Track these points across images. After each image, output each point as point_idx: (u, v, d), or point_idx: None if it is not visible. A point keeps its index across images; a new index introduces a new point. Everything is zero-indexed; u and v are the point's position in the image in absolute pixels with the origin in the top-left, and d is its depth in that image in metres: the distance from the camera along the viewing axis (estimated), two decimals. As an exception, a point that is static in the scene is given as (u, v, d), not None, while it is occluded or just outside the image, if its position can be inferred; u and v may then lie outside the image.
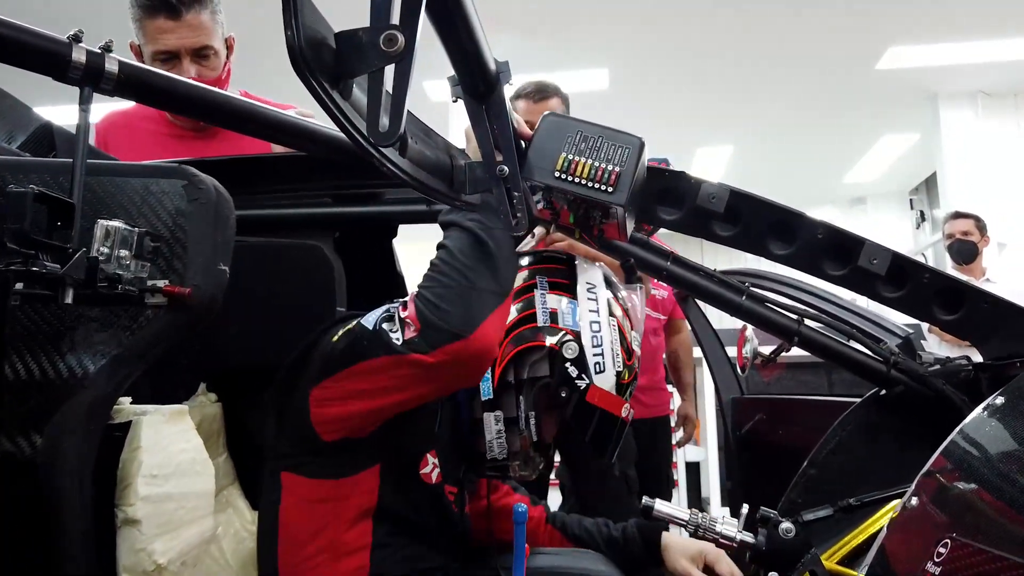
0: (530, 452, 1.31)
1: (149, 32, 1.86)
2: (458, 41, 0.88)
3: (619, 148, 1.21)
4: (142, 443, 1.01)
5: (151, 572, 0.97)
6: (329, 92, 0.65)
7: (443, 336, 1.07)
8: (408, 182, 0.86)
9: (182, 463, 1.05)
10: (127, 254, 1.00)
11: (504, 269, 1.15)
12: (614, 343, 1.31)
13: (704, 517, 1.24)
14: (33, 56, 0.95)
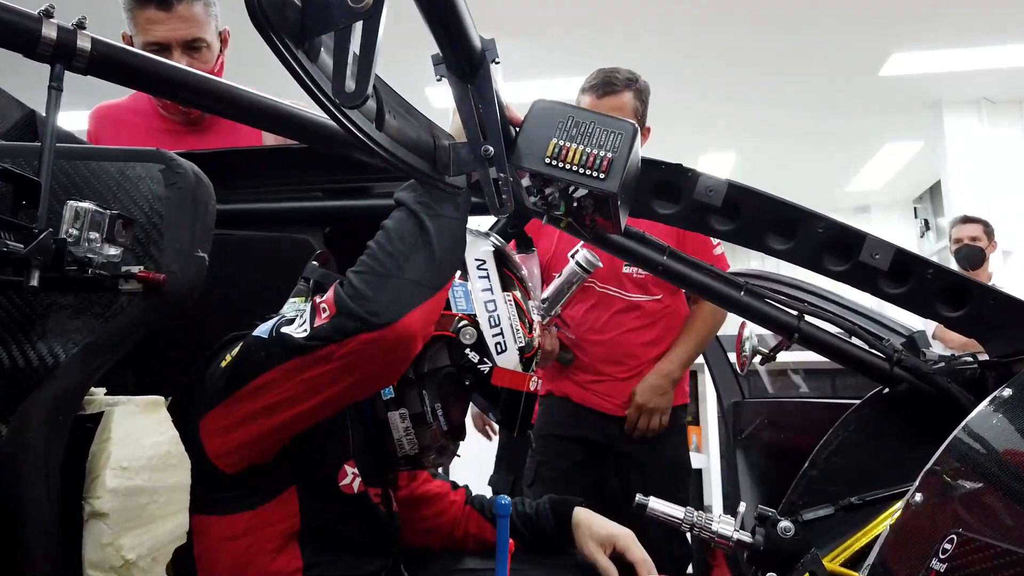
0: (441, 441, 1.26)
1: (140, 23, 1.83)
2: (440, 16, 0.85)
3: (611, 134, 1.17)
4: (112, 434, 0.97)
5: (119, 568, 0.92)
6: (293, 52, 0.62)
7: (356, 324, 0.99)
8: (385, 157, 0.83)
9: (156, 456, 1.01)
10: (97, 236, 0.96)
11: (441, 260, 1.06)
12: (512, 319, 1.25)
13: (700, 516, 1.19)
14: (1, 31, 0.91)
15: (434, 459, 1.28)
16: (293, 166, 1.54)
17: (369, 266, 1.03)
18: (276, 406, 1.05)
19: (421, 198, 1.07)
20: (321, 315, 1.02)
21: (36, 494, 0.92)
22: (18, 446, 0.93)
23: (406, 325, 1.00)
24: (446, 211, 1.07)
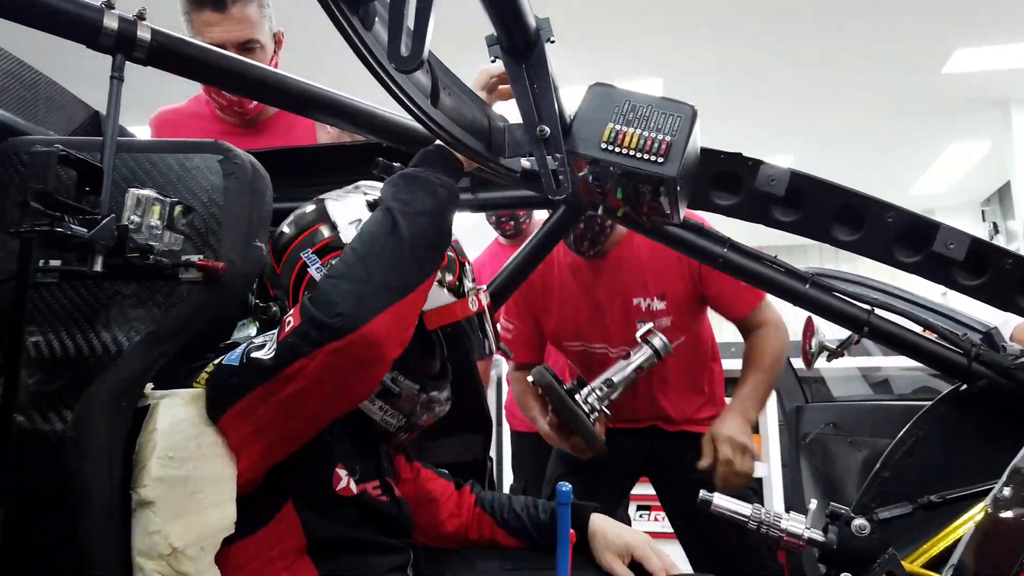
0: (422, 398, 1.21)
1: (196, 25, 1.87)
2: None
3: (670, 117, 1.14)
4: (158, 425, 0.97)
5: (167, 556, 0.92)
6: (348, 17, 0.61)
7: (321, 333, 0.95)
8: (440, 135, 0.81)
9: (200, 447, 1.01)
10: (158, 223, 0.97)
11: (412, 260, 1.01)
12: None
13: (768, 513, 1.14)
14: (65, 22, 0.93)
15: (427, 415, 1.24)
16: (346, 165, 1.53)
17: (339, 271, 1.00)
18: (254, 434, 1.02)
19: (400, 193, 1.03)
20: (285, 328, 0.99)
21: (99, 479, 0.93)
22: (82, 432, 0.94)
23: (371, 330, 0.96)
24: (423, 206, 1.02)
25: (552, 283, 2.11)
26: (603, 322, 2.08)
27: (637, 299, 2.03)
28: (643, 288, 2.03)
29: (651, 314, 2.03)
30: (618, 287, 2.04)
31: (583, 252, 1.99)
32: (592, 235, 1.94)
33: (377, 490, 1.23)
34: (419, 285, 1.02)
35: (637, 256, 2.02)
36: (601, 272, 2.05)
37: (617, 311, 2.06)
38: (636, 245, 2.01)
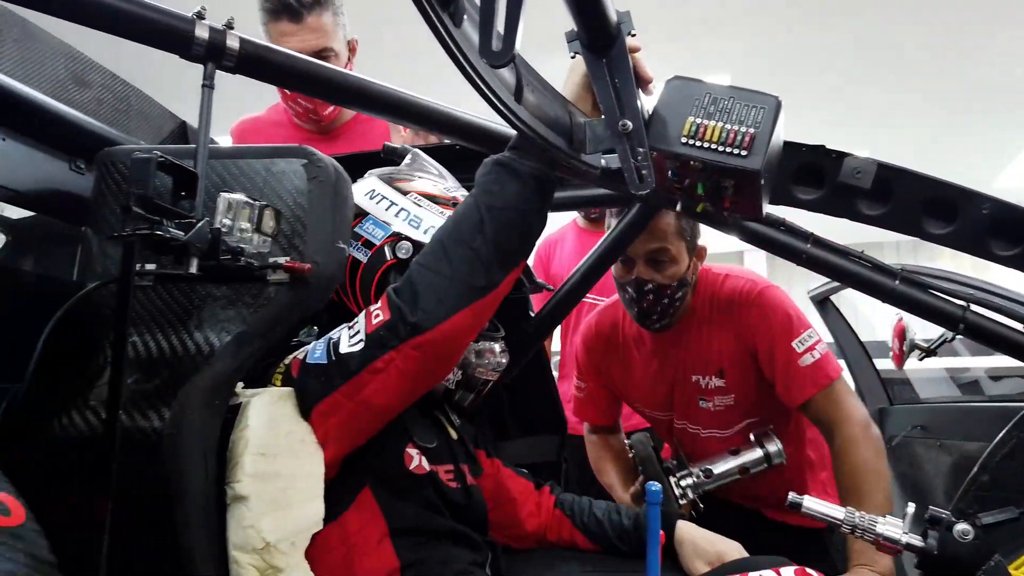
0: (475, 347, 1.23)
1: (273, 36, 1.93)
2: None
3: (753, 108, 1.11)
4: (251, 422, 1.00)
5: (260, 550, 0.94)
6: (439, 13, 0.61)
7: (407, 328, 0.98)
8: (524, 131, 0.81)
9: (291, 444, 1.03)
10: (248, 227, 1.00)
11: (497, 259, 1.01)
12: (429, 208, 1.25)
13: (862, 516, 1.09)
14: (158, 33, 0.97)
15: (482, 367, 1.25)
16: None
17: (425, 260, 1.02)
18: (341, 426, 1.04)
19: (489, 184, 1.02)
20: (373, 320, 1.01)
21: (195, 473, 0.96)
22: (179, 428, 0.97)
23: (452, 327, 0.98)
24: (513, 201, 1.01)
25: (617, 348, 2.01)
26: (668, 396, 1.94)
27: (696, 376, 1.89)
28: (703, 365, 1.88)
29: (710, 392, 1.86)
30: (678, 363, 1.90)
31: (650, 326, 1.85)
32: (662, 308, 1.79)
33: (449, 474, 1.23)
34: (503, 281, 1.03)
35: (697, 331, 1.88)
36: (663, 346, 1.92)
37: (678, 387, 1.92)
38: (697, 319, 1.88)
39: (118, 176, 1.20)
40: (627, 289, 1.79)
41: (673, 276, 1.75)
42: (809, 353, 1.71)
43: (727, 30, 5.78)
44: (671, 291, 1.76)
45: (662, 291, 1.76)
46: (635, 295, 1.77)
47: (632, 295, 1.78)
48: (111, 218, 1.19)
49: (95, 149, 1.25)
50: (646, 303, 1.77)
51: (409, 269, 1.02)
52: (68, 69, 1.32)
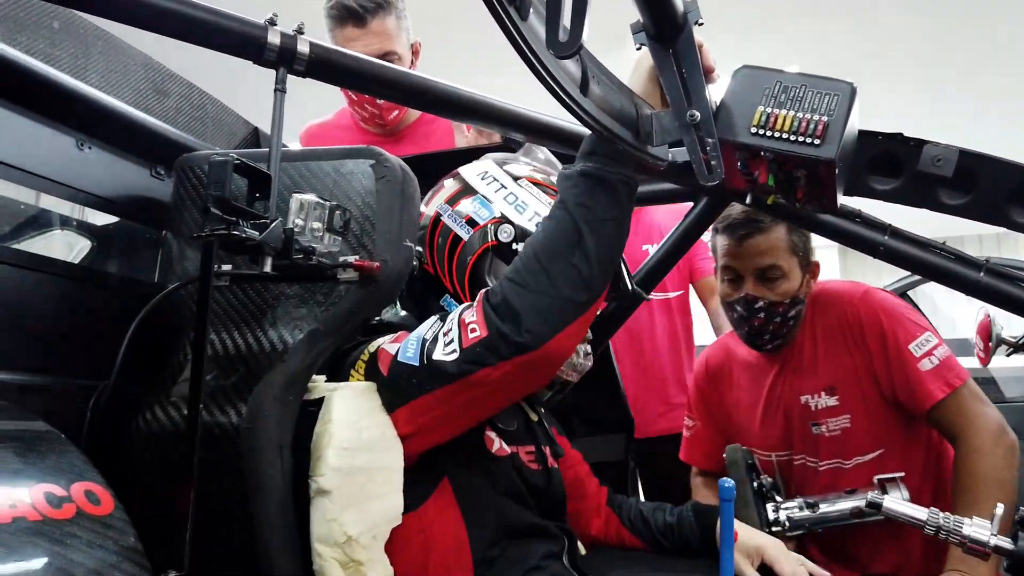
0: None
1: (339, 41, 1.97)
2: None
3: (826, 96, 1.08)
4: (333, 416, 1.02)
5: (342, 543, 0.96)
6: (505, 6, 0.61)
7: (509, 348, 0.96)
8: (591, 124, 0.80)
9: (372, 437, 1.05)
10: (319, 226, 1.02)
11: (597, 274, 0.99)
12: (537, 196, 1.24)
13: (947, 517, 1.05)
14: (233, 40, 1.00)
15: (566, 369, 1.22)
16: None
17: (522, 278, 0.99)
18: (429, 426, 1.05)
19: (582, 197, 0.99)
20: (469, 335, 0.99)
21: (271, 466, 0.98)
22: (255, 423, 1.00)
23: (557, 346, 0.97)
24: (608, 212, 0.99)
25: (728, 379, 1.90)
26: (784, 428, 1.78)
27: (805, 396, 1.74)
28: (810, 383, 1.74)
29: (820, 413, 1.71)
30: (788, 386, 1.77)
31: (761, 347, 1.76)
32: (774, 327, 1.70)
33: (530, 455, 1.23)
34: (603, 292, 1.02)
35: (800, 347, 1.76)
36: (773, 370, 1.80)
37: (791, 414, 1.77)
38: (806, 334, 1.76)
39: (195, 181, 1.25)
40: (735, 308, 1.71)
41: (785, 293, 1.68)
42: (928, 358, 1.60)
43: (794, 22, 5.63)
44: (783, 309, 1.68)
45: (774, 309, 1.68)
46: (744, 313, 1.69)
47: (741, 313, 1.70)
48: (190, 221, 1.24)
49: (174, 155, 1.30)
50: (757, 322, 1.69)
51: (502, 285, 1.00)
52: (149, 80, 1.38)
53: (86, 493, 0.82)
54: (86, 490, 0.83)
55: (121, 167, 1.30)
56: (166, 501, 0.99)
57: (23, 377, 1.08)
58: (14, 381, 1.05)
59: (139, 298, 1.21)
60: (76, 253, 1.45)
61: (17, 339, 1.12)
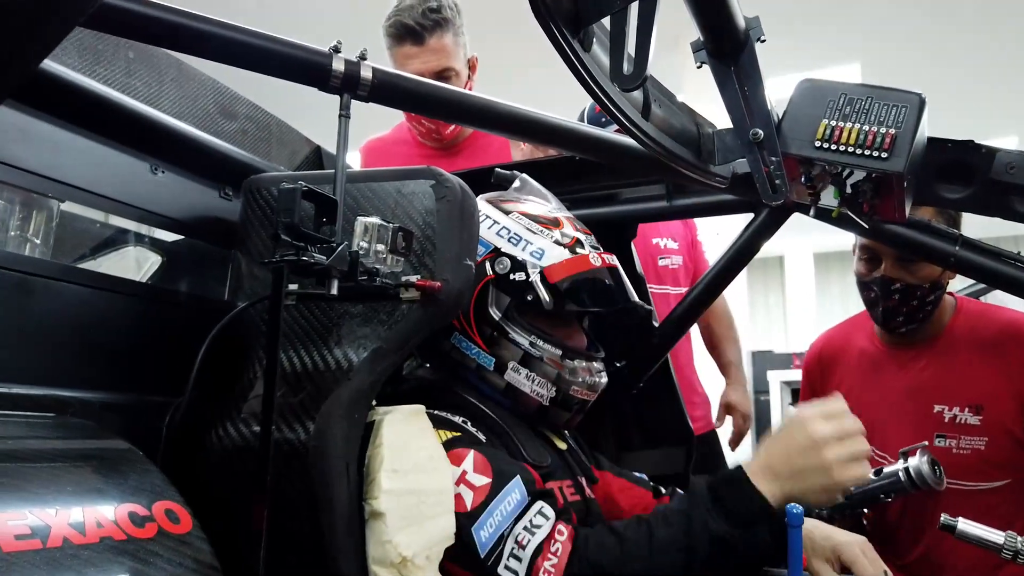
0: (570, 365, 1.23)
1: (398, 59, 2.02)
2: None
3: (893, 108, 1.05)
4: (384, 440, 1.04)
5: (398, 564, 0.97)
6: (569, 40, 0.61)
7: None
8: (651, 147, 0.80)
9: (421, 459, 1.06)
10: (383, 248, 1.04)
11: None
12: (529, 226, 1.27)
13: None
14: (299, 69, 1.03)
15: (580, 387, 1.24)
16: (541, 179, 1.57)
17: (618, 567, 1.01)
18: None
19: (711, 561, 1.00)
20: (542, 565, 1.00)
21: (339, 482, 1.00)
22: (323, 441, 1.02)
23: None
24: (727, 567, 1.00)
25: (846, 367, 1.87)
26: (891, 425, 1.73)
27: (941, 406, 1.67)
28: (954, 394, 1.66)
29: (956, 428, 1.63)
30: (921, 387, 1.71)
31: (895, 328, 1.73)
32: (909, 310, 1.67)
33: (570, 488, 1.24)
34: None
35: (952, 355, 1.70)
36: (903, 365, 1.76)
37: (910, 415, 1.71)
38: (954, 343, 1.71)
39: (262, 201, 1.29)
40: (872, 288, 1.72)
41: (926, 278, 1.66)
42: None
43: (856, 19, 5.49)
44: (922, 293, 1.67)
45: (911, 292, 1.66)
46: (880, 293, 1.69)
47: (876, 293, 1.70)
48: (257, 241, 1.28)
49: (241, 176, 1.34)
50: (891, 303, 1.69)
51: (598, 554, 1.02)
52: (216, 103, 1.42)
53: (166, 512, 0.86)
54: (166, 509, 0.86)
55: (191, 189, 1.35)
56: (239, 516, 1.02)
57: (103, 395, 1.13)
58: (95, 400, 1.10)
59: (209, 315, 1.25)
60: (147, 270, 1.51)
61: (96, 358, 1.17)
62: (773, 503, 1.00)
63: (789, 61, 5.79)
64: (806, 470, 1.00)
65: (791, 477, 1.01)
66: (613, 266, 1.28)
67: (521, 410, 1.24)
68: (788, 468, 1.02)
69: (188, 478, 1.02)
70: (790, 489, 1.00)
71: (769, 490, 1.00)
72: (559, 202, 1.39)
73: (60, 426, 1.00)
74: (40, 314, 1.09)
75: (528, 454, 1.19)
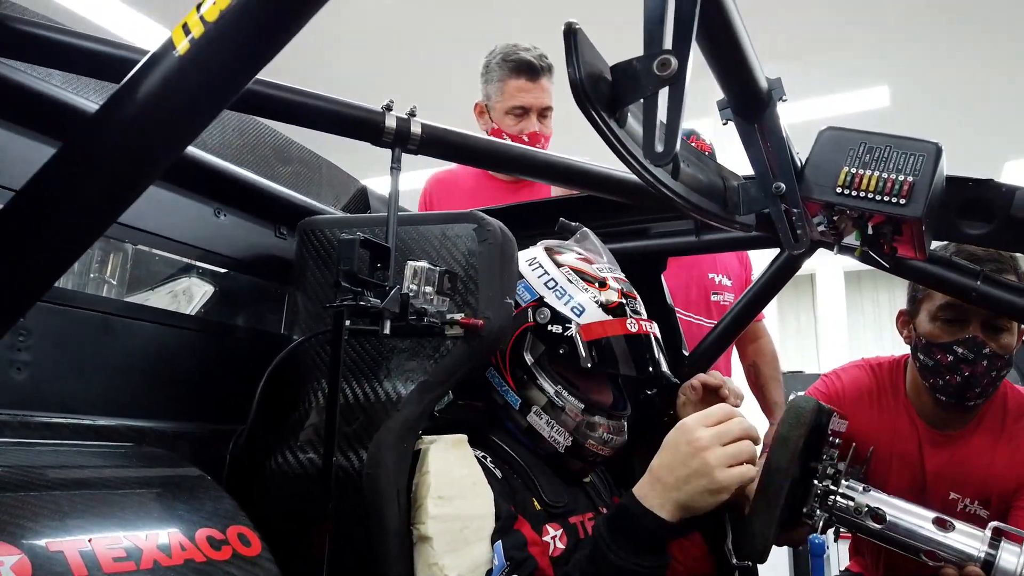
0: (590, 420, 1.27)
1: (509, 90, 2.25)
2: (728, 62, 0.89)
3: (911, 156, 1.11)
4: (430, 467, 1.12)
5: (442, 585, 1.05)
6: (607, 120, 0.69)
7: None
8: (681, 205, 0.88)
9: (464, 487, 1.14)
10: (431, 290, 1.13)
11: None
12: (575, 283, 1.31)
13: None
14: (355, 126, 1.13)
15: (596, 442, 1.28)
16: (578, 214, 1.65)
17: None
18: None
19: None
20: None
21: (391, 507, 1.09)
22: (376, 468, 1.11)
23: None
24: None
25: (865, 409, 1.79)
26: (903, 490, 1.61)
27: (955, 495, 1.64)
28: (969, 484, 1.65)
29: (966, 519, 1.44)
30: (943, 472, 1.69)
31: (961, 403, 1.63)
32: (987, 382, 1.59)
33: (591, 522, 1.29)
34: None
35: (977, 440, 1.66)
36: (939, 449, 1.70)
37: (928, 497, 1.67)
38: (980, 430, 1.66)
39: (316, 243, 1.38)
40: (954, 350, 1.59)
41: (1006, 348, 1.59)
42: None
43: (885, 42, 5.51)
44: (1000, 365, 1.58)
45: (994, 362, 1.57)
46: (969, 357, 1.57)
47: (962, 358, 1.58)
48: (312, 280, 1.37)
49: (295, 216, 1.44)
50: (979, 369, 1.57)
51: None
52: (273, 148, 1.53)
53: (239, 536, 0.94)
54: (239, 533, 0.95)
55: (250, 230, 1.46)
56: (298, 539, 1.10)
57: (175, 424, 1.22)
58: (168, 429, 1.20)
59: (267, 347, 1.35)
60: (199, 300, 1.61)
61: (167, 389, 1.27)
62: (667, 516, 1.04)
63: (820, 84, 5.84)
64: (690, 476, 1.04)
65: (676, 486, 1.04)
66: (649, 333, 1.31)
67: (539, 452, 1.30)
68: (673, 478, 1.05)
69: (249, 502, 1.11)
70: (677, 497, 1.04)
71: (660, 504, 1.04)
72: (612, 260, 1.43)
73: (138, 455, 1.09)
74: (116, 350, 1.20)
75: (544, 493, 1.25)
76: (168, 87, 0.57)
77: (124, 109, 0.60)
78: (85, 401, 1.12)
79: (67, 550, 0.76)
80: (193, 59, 0.56)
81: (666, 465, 1.07)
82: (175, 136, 0.62)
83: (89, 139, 0.64)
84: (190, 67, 0.56)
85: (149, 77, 0.58)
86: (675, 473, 1.05)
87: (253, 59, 0.58)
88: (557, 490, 1.28)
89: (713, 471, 1.03)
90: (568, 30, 0.68)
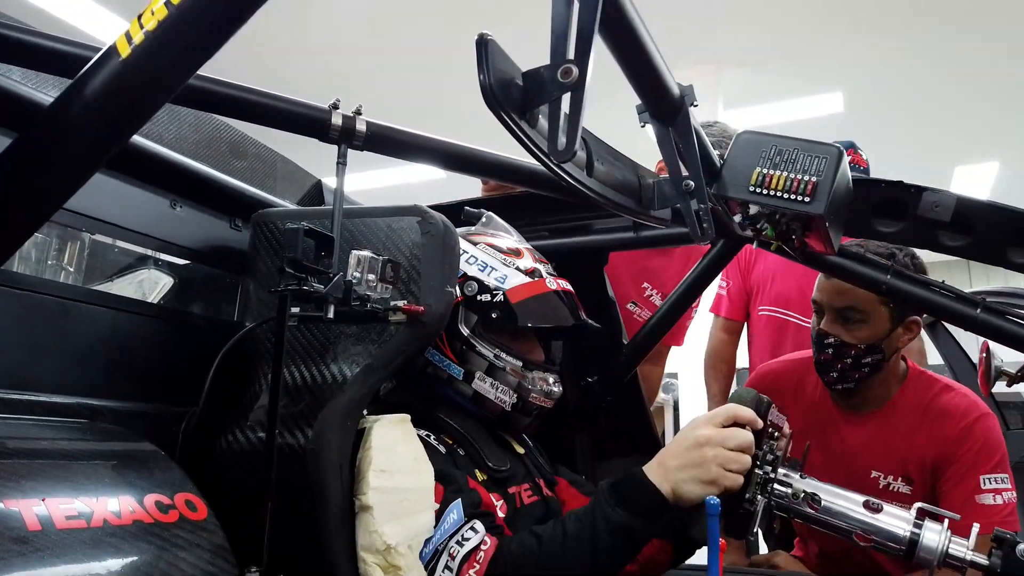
0: (529, 375, 1.39)
1: None
2: (638, 70, 0.98)
3: (816, 159, 1.21)
4: (373, 443, 1.19)
5: (383, 551, 1.12)
6: (517, 122, 0.78)
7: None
8: (593, 198, 0.97)
9: (405, 462, 1.21)
10: (374, 278, 1.20)
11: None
12: (493, 255, 1.43)
13: None
14: (303, 123, 1.20)
15: (538, 395, 1.40)
16: (522, 211, 1.73)
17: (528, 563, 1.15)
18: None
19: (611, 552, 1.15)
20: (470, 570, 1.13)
21: (333, 481, 1.16)
22: (320, 445, 1.18)
23: None
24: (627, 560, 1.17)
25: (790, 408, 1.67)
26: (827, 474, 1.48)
27: (877, 472, 1.76)
28: (890, 463, 1.76)
29: (888, 495, 1.70)
30: (861, 451, 1.80)
31: (829, 383, 1.81)
32: (842, 367, 1.75)
33: (527, 492, 1.40)
34: None
35: (895, 426, 1.77)
36: (848, 425, 1.84)
37: (847, 475, 1.73)
38: (899, 414, 1.78)
39: (269, 234, 1.45)
40: (813, 340, 1.80)
41: (863, 339, 1.73)
42: (993, 495, 1.66)
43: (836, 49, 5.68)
44: (856, 352, 1.73)
45: (844, 350, 1.73)
46: (816, 345, 1.79)
47: (817, 346, 1.79)
48: (264, 269, 1.44)
49: (250, 209, 1.51)
50: (823, 357, 1.77)
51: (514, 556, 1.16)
52: (228, 143, 1.59)
53: (186, 502, 1.01)
54: (186, 499, 1.02)
55: (206, 222, 1.52)
56: (246, 509, 1.17)
57: (128, 404, 1.29)
58: (122, 408, 1.26)
59: (220, 333, 1.41)
60: (159, 290, 1.67)
61: (122, 372, 1.33)
62: (665, 493, 1.16)
63: (776, 90, 6.00)
64: (688, 465, 1.16)
65: (676, 470, 1.17)
66: (567, 290, 1.45)
67: (486, 415, 1.40)
68: (676, 463, 1.18)
69: (201, 477, 1.18)
70: (674, 479, 1.16)
71: (659, 481, 1.17)
72: (520, 235, 1.56)
73: (94, 430, 1.16)
74: (74, 333, 1.26)
75: (489, 459, 1.34)
76: (113, 86, 0.65)
77: (75, 103, 0.67)
78: (41, 380, 1.18)
79: (23, 508, 0.83)
80: (134, 63, 0.63)
81: (671, 452, 1.20)
82: (119, 129, 0.70)
83: (43, 129, 0.71)
84: (132, 69, 0.64)
85: (96, 76, 0.65)
86: (678, 459, 1.18)
87: (187, 64, 0.66)
88: (500, 457, 1.38)
89: (708, 464, 1.15)
90: (480, 41, 0.76)
